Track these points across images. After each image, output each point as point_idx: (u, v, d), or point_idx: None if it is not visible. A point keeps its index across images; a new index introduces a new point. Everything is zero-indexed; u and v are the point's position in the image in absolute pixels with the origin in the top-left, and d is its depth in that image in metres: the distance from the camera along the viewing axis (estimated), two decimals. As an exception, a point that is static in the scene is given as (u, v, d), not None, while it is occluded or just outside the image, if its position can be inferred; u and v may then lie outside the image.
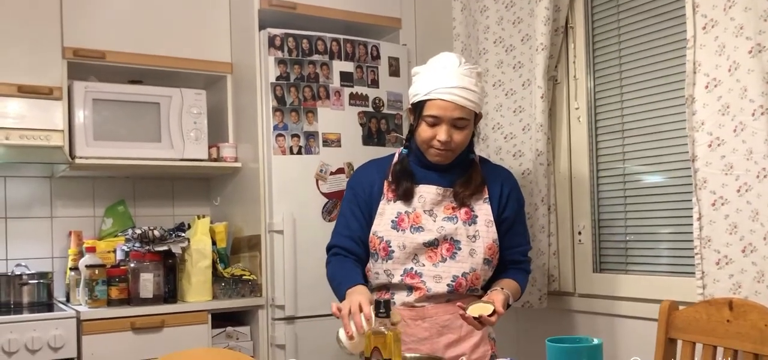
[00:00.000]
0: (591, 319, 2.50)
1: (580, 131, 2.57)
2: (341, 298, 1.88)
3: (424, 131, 1.95)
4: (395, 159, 2.07)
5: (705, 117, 1.99)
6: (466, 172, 2.03)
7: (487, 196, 2.02)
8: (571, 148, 2.60)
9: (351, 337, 1.70)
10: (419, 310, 1.97)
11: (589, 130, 2.55)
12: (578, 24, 2.56)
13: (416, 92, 1.96)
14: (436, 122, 1.92)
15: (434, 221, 1.99)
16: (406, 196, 2.00)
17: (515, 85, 2.62)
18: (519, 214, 2.10)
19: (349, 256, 2.01)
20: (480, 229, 1.98)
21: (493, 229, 2.01)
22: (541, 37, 2.47)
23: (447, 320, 1.97)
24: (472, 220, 1.99)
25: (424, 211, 1.99)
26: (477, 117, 2.00)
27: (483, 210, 2.00)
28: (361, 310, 1.71)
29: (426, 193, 2.00)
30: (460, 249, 1.97)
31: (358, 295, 1.79)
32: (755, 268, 1.89)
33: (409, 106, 2.02)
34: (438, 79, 1.91)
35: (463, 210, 2.00)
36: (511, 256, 2.08)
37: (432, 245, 1.97)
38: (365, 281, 1.97)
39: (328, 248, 2.08)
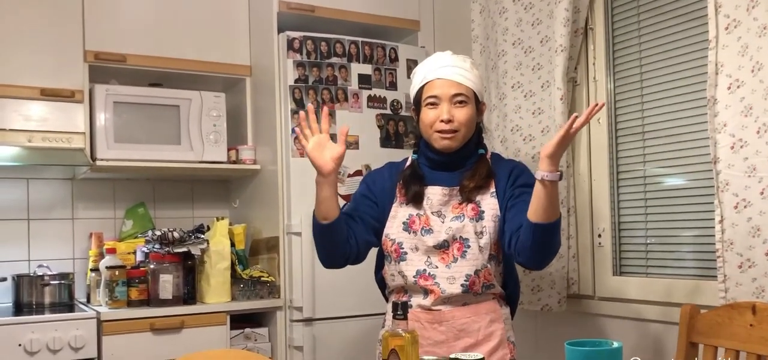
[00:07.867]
0: (611, 322, 2.48)
1: (600, 133, 2.55)
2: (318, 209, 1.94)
3: (426, 116, 1.99)
4: (407, 164, 2.09)
5: (727, 118, 1.96)
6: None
7: (494, 189, 1.99)
8: (591, 150, 2.58)
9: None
10: (436, 314, 1.96)
11: (609, 132, 2.53)
12: (598, 25, 2.54)
13: (414, 85, 2.05)
14: (436, 102, 1.98)
15: (443, 222, 1.98)
16: (416, 200, 2.01)
17: (534, 86, 2.60)
18: (531, 187, 1.86)
19: None
20: (487, 225, 1.96)
21: (500, 224, 1.97)
22: (560, 39, 2.45)
23: (464, 324, 1.96)
24: (479, 216, 1.97)
25: (432, 213, 1.99)
26: (479, 104, 2.03)
27: (490, 204, 1.97)
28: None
29: (432, 194, 2.01)
30: (469, 246, 1.95)
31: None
32: (779, 272, 1.87)
33: (413, 107, 2.08)
34: (431, 65, 2.02)
35: (470, 206, 1.98)
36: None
37: (442, 247, 1.96)
38: (341, 219, 1.95)
39: None
